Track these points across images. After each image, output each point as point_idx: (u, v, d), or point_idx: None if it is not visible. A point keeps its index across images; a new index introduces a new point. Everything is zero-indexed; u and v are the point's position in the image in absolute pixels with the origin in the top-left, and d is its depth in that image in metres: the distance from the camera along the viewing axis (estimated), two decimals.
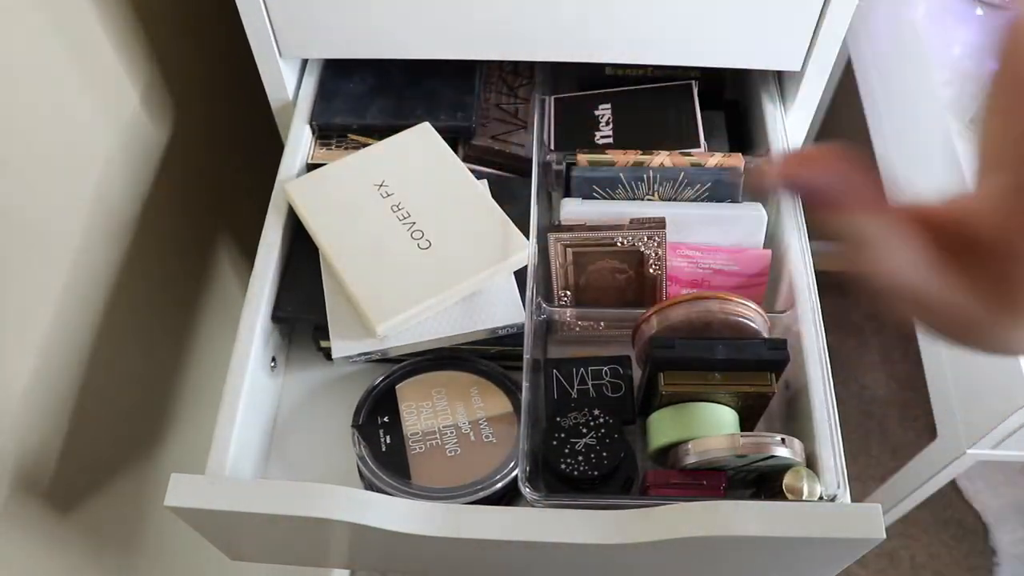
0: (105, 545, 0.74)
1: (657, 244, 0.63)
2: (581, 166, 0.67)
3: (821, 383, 0.58)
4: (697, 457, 0.57)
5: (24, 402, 0.61)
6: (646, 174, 0.66)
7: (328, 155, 0.74)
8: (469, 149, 0.75)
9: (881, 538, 0.49)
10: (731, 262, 0.66)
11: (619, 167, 0.67)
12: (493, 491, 0.60)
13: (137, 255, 0.76)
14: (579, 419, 0.61)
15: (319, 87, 0.77)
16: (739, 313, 0.60)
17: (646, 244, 0.63)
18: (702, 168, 0.67)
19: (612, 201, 0.68)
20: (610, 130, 0.74)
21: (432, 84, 0.77)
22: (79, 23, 0.67)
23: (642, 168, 0.66)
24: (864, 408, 1.65)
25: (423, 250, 0.65)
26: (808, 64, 0.70)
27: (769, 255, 0.67)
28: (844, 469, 0.55)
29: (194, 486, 0.53)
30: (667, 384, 0.59)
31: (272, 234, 0.68)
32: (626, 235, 0.64)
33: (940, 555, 1.51)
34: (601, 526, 0.51)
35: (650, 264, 0.65)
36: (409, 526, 0.52)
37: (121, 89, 0.73)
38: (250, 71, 0.74)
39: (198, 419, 0.90)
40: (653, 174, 0.66)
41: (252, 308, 0.64)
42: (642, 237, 0.64)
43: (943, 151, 0.90)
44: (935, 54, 0.97)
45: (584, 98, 0.77)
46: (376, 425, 0.63)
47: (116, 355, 0.73)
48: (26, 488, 0.62)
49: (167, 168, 0.81)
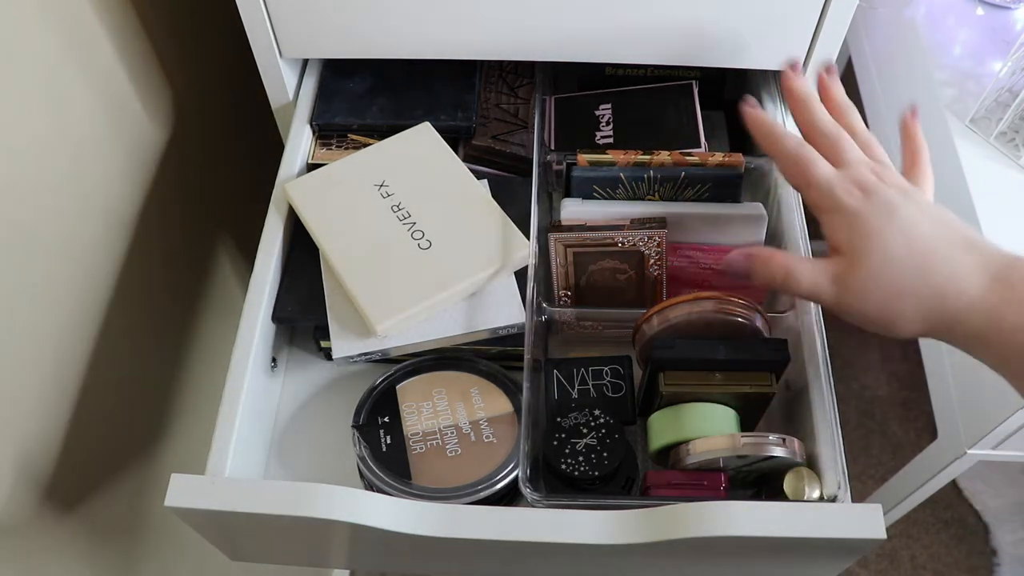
0: (105, 545, 0.74)
1: (657, 244, 0.63)
2: (581, 166, 0.67)
3: (821, 383, 0.58)
4: (697, 457, 0.56)
5: (24, 402, 0.61)
6: (647, 174, 0.66)
7: (328, 155, 0.74)
8: (469, 149, 0.75)
9: (882, 538, 0.49)
10: None
11: (620, 167, 0.67)
12: (493, 491, 0.60)
13: (137, 255, 0.76)
14: (579, 419, 0.61)
15: (319, 87, 0.77)
16: (739, 313, 0.60)
17: (646, 244, 0.63)
18: (703, 168, 0.66)
19: (612, 201, 0.68)
20: (610, 130, 0.74)
21: (432, 84, 0.77)
22: (79, 23, 0.67)
23: (643, 168, 0.66)
24: (864, 408, 1.65)
25: (423, 250, 0.65)
26: (808, 64, 0.70)
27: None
28: (845, 469, 0.55)
29: (194, 486, 0.53)
30: (667, 384, 0.59)
31: (272, 234, 0.68)
32: (627, 235, 0.64)
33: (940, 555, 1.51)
34: (601, 526, 0.51)
35: (650, 264, 0.65)
36: (409, 526, 0.52)
37: (121, 89, 0.73)
38: (250, 71, 0.74)
39: (198, 419, 0.90)
40: (654, 174, 0.66)
41: (252, 308, 0.64)
42: (643, 237, 0.64)
43: (943, 151, 0.90)
44: (935, 54, 0.98)
45: (584, 98, 0.77)
46: (376, 425, 0.63)
47: (116, 355, 0.73)
48: (26, 488, 0.62)
49: (167, 168, 0.81)
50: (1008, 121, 0.88)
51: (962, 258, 0.50)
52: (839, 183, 0.52)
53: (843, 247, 0.51)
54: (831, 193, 0.52)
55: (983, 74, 0.95)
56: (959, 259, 0.49)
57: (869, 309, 0.51)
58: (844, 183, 0.52)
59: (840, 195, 0.52)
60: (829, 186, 0.52)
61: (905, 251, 0.49)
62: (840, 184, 0.52)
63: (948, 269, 0.49)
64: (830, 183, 0.52)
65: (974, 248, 0.50)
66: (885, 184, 0.52)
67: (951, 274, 0.49)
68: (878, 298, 0.50)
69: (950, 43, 0.99)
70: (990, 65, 0.96)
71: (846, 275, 0.51)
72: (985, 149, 0.88)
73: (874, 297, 0.50)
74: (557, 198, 0.73)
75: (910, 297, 0.49)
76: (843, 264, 0.51)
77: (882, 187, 0.52)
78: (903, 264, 0.49)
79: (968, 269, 0.49)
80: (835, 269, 0.51)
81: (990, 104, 0.90)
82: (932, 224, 0.51)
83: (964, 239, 0.51)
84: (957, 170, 0.87)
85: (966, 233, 0.51)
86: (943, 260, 0.49)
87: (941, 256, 0.50)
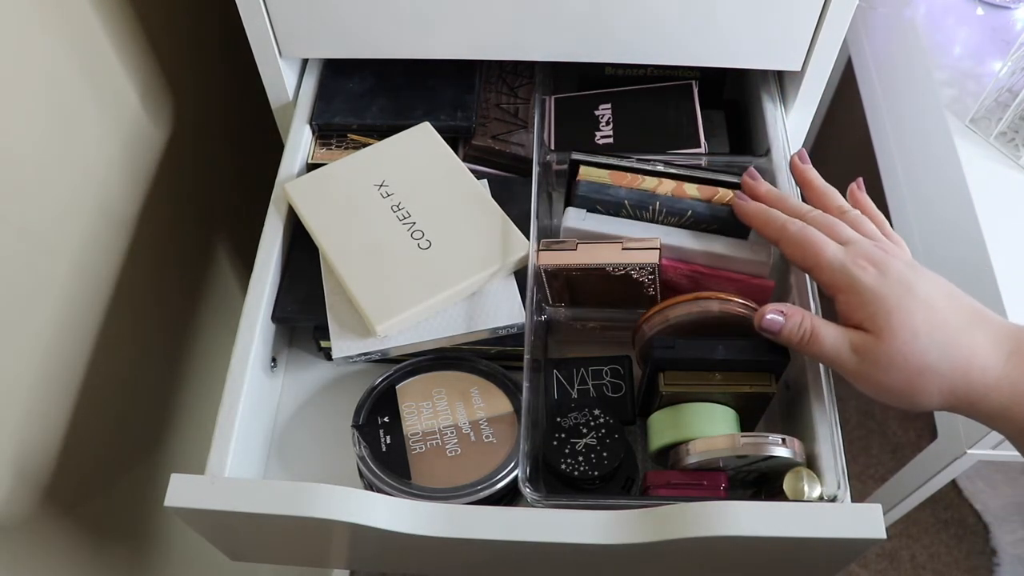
0: (105, 545, 0.74)
1: (650, 272, 0.61)
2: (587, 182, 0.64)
3: (821, 383, 0.58)
4: (697, 457, 0.56)
5: (24, 402, 0.61)
6: (652, 205, 0.63)
7: (328, 155, 0.74)
8: (469, 149, 0.75)
9: (882, 538, 0.49)
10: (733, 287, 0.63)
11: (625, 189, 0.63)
12: (493, 491, 0.60)
13: (137, 255, 0.76)
14: (579, 419, 0.61)
15: (319, 87, 0.77)
16: (740, 313, 0.59)
17: (639, 272, 0.61)
18: (709, 204, 0.63)
19: (616, 219, 0.65)
20: (610, 130, 0.74)
21: (432, 84, 0.77)
22: (79, 23, 0.67)
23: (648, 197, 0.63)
24: (864, 408, 1.65)
25: (423, 250, 0.65)
26: (808, 64, 0.70)
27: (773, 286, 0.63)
28: (845, 469, 0.55)
29: (194, 486, 0.53)
30: (667, 384, 0.59)
31: (272, 234, 0.68)
32: (617, 265, 0.61)
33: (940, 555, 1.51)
34: (601, 526, 0.51)
35: (646, 288, 0.63)
36: (409, 526, 0.52)
37: (121, 89, 0.73)
38: (250, 71, 0.74)
39: (198, 419, 0.90)
40: (659, 206, 0.63)
41: (252, 308, 0.64)
42: (634, 267, 0.61)
43: (943, 151, 0.90)
44: (935, 54, 0.98)
45: (584, 98, 0.77)
46: (376, 425, 0.63)
47: (116, 355, 0.73)
48: (26, 488, 0.62)
49: (167, 168, 0.81)
50: (1008, 121, 0.88)
51: (977, 333, 0.51)
52: (851, 260, 0.53)
53: (865, 323, 0.52)
54: (845, 271, 0.52)
55: (983, 74, 0.95)
56: (975, 335, 0.51)
57: (892, 384, 0.51)
58: (856, 259, 0.53)
59: (855, 272, 0.52)
60: (842, 265, 0.53)
61: (928, 328, 0.50)
62: (853, 261, 0.52)
63: (968, 345, 0.50)
64: (842, 262, 0.53)
65: (985, 321, 0.51)
66: (893, 258, 0.53)
67: (971, 351, 0.50)
68: (902, 375, 0.51)
69: (950, 43, 0.99)
70: (990, 65, 0.96)
71: (870, 349, 0.51)
72: (985, 149, 0.88)
73: (898, 373, 0.51)
74: (557, 198, 0.73)
75: (934, 374, 0.50)
76: (867, 338, 0.51)
77: (893, 262, 0.52)
78: (927, 341, 0.50)
79: (986, 345, 0.50)
80: (858, 341, 0.52)
81: (990, 104, 0.90)
82: (946, 299, 0.52)
83: (974, 312, 0.52)
84: (957, 170, 0.87)
85: (974, 305, 0.52)
86: (962, 337, 0.50)
87: (960, 332, 0.50)
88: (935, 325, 0.50)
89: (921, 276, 0.52)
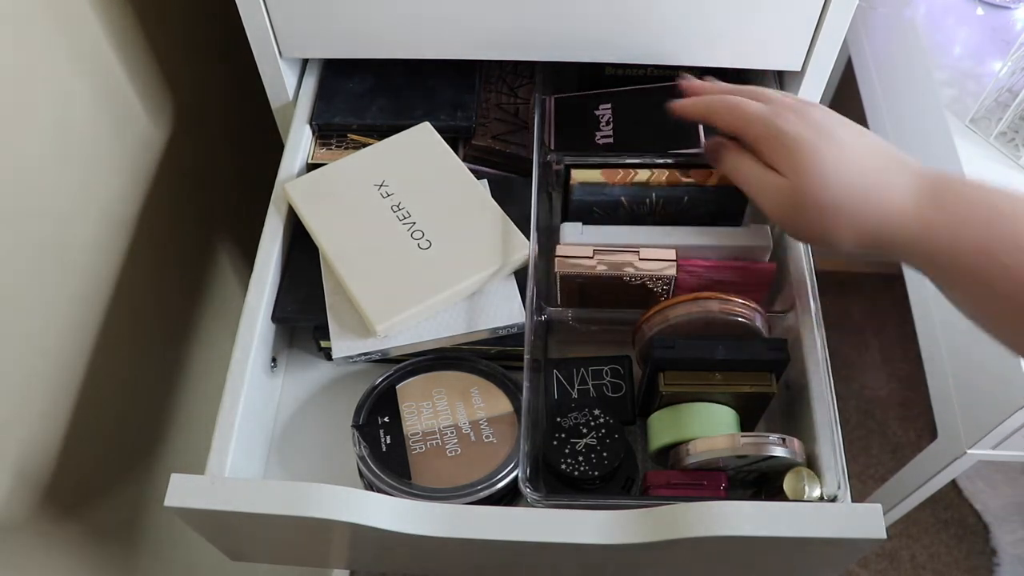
0: (105, 545, 0.74)
1: (665, 284, 0.63)
2: (580, 185, 0.65)
3: (821, 383, 0.58)
4: (697, 457, 0.57)
5: (24, 402, 0.61)
6: (648, 197, 0.65)
7: (328, 155, 0.74)
8: (469, 149, 0.75)
9: (882, 538, 0.49)
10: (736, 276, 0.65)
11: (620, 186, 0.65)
12: (493, 491, 0.60)
13: (137, 255, 0.76)
14: (579, 419, 0.61)
15: (319, 87, 0.77)
16: (739, 313, 0.60)
17: (655, 283, 0.63)
18: (704, 189, 0.65)
19: (613, 227, 0.66)
20: (610, 130, 0.74)
21: (432, 84, 0.77)
22: (80, 24, 0.67)
23: (644, 191, 0.65)
24: (864, 408, 1.65)
25: (423, 250, 0.65)
26: (808, 64, 0.70)
27: (774, 268, 0.66)
28: (845, 469, 0.55)
29: (194, 486, 0.53)
30: (667, 384, 0.59)
31: (272, 234, 0.68)
32: (635, 275, 0.63)
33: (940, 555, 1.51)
34: (601, 526, 0.51)
35: (659, 295, 0.64)
36: (409, 526, 0.52)
37: (121, 89, 0.73)
38: (250, 71, 0.74)
39: (198, 419, 0.90)
40: (656, 197, 0.65)
41: (252, 308, 0.64)
42: (651, 277, 0.63)
43: (943, 151, 0.90)
44: (935, 54, 0.98)
45: (584, 98, 0.77)
46: (376, 425, 0.63)
47: (116, 355, 0.73)
48: (26, 488, 0.62)
49: (167, 168, 0.81)
50: (1008, 121, 0.88)
51: (893, 176, 0.52)
52: (774, 111, 0.55)
53: (786, 169, 0.53)
54: (769, 121, 0.55)
55: (983, 74, 0.95)
56: (891, 177, 0.52)
57: (807, 224, 0.53)
58: (778, 111, 0.55)
59: (778, 122, 0.54)
60: (765, 117, 0.55)
61: (842, 168, 0.52)
62: (776, 111, 0.55)
63: (883, 186, 0.52)
64: (765, 114, 0.55)
65: (903, 165, 0.53)
66: (813, 107, 0.55)
67: (887, 192, 0.51)
68: (814, 214, 0.53)
69: (950, 43, 0.99)
70: (990, 65, 0.96)
71: (786, 190, 0.53)
72: (985, 149, 0.88)
73: (810, 213, 0.53)
74: (557, 198, 0.73)
75: (846, 214, 0.52)
76: (785, 181, 0.54)
77: (813, 110, 0.55)
78: (838, 180, 0.52)
79: (901, 186, 0.51)
80: (779, 182, 0.54)
81: (990, 104, 0.90)
82: (862, 144, 0.53)
83: (892, 157, 0.53)
84: (957, 170, 0.87)
85: (894, 151, 0.54)
86: (877, 177, 0.52)
87: (875, 173, 0.52)
88: (848, 166, 0.52)
89: (840, 123, 0.54)
